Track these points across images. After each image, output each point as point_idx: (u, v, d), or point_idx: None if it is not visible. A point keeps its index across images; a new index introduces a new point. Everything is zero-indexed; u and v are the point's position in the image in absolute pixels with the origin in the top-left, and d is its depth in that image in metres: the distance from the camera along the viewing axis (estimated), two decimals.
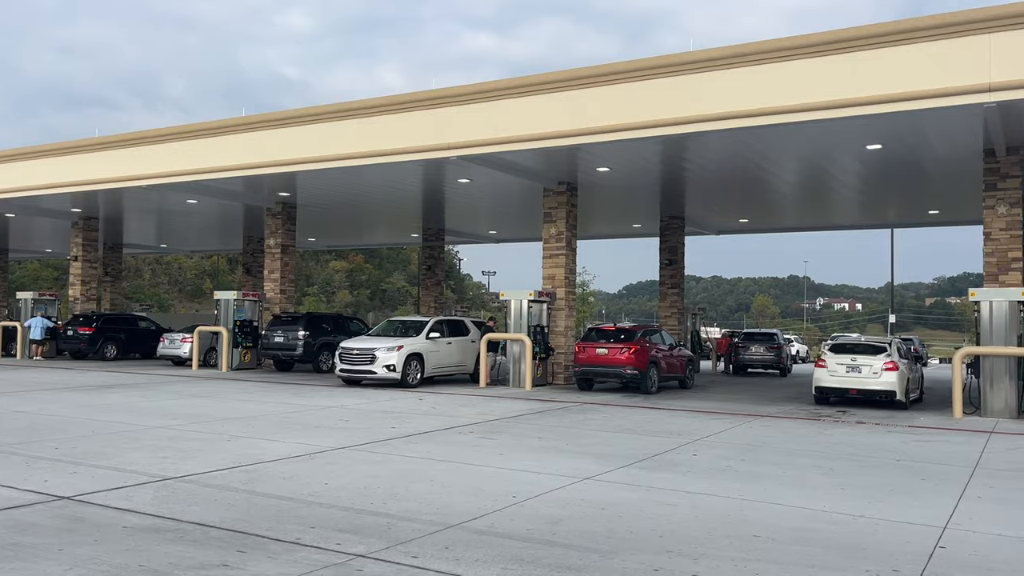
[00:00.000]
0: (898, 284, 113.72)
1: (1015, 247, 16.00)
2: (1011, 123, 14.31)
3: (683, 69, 15.34)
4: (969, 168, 17.28)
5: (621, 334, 19.39)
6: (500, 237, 35.35)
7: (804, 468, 9.55)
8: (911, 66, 13.36)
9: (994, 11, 13.12)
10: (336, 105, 19.75)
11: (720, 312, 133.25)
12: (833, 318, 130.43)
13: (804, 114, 14.10)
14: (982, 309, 15.56)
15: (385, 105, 18.89)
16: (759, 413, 15.37)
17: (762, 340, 28.59)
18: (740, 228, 30.89)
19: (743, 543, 6.30)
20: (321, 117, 19.85)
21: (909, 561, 5.87)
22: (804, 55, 14.24)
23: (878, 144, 16.39)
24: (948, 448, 11.35)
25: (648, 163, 19.13)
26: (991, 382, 15.36)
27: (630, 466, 9.44)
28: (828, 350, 17.79)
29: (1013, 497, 8.12)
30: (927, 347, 50.69)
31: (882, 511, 7.44)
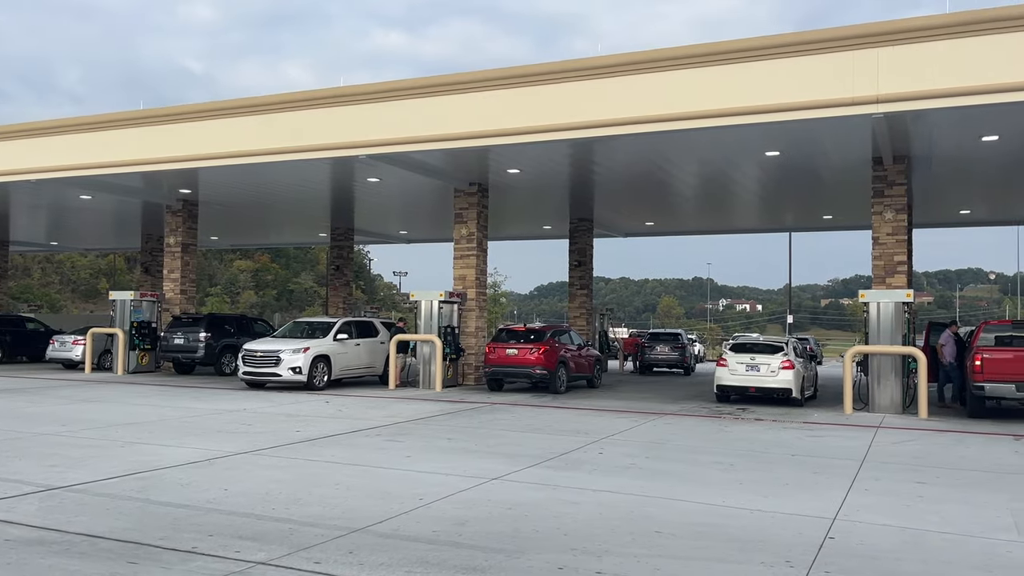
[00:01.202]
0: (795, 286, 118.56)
1: (901, 251, 16.88)
2: (897, 133, 15.09)
3: (591, 74, 15.57)
4: (860, 175, 18.12)
5: (531, 335, 19.54)
6: (411, 237, 35.10)
7: (705, 464, 9.83)
8: (806, 76, 13.93)
9: (882, 26, 13.81)
10: (241, 100, 19.21)
11: (628, 312, 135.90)
12: (735, 318, 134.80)
13: (706, 120, 14.52)
14: (870, 310, 16.36)
15: (292, 101, 18.48)
16: (663, 411, 15.74)
17: (667, 340, 29.30)
18: (647, 231, 31.58)
19: (646, 539, 6.43)
20: (225, 112, 19.26)
21: (801, 552, 6.11)
22: (707, 63, 14.67)
23: (776, 151, 17.03)
24: (839, 443, 11.88)
25: (557, 165, 19.34)
26: (878, 379, 16.17)
27: (537, 466, 9.52)
28: (729, 350, 18.37)
29: (897, 488, 8.56)
30: (822, 346, 52.98)
31: (777, 504, 7.72)
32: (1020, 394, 14.35)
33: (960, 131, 15.15)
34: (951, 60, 13.02)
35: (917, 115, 13.82)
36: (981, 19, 12.96)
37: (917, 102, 13.23)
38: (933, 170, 18.28)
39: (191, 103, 19.99)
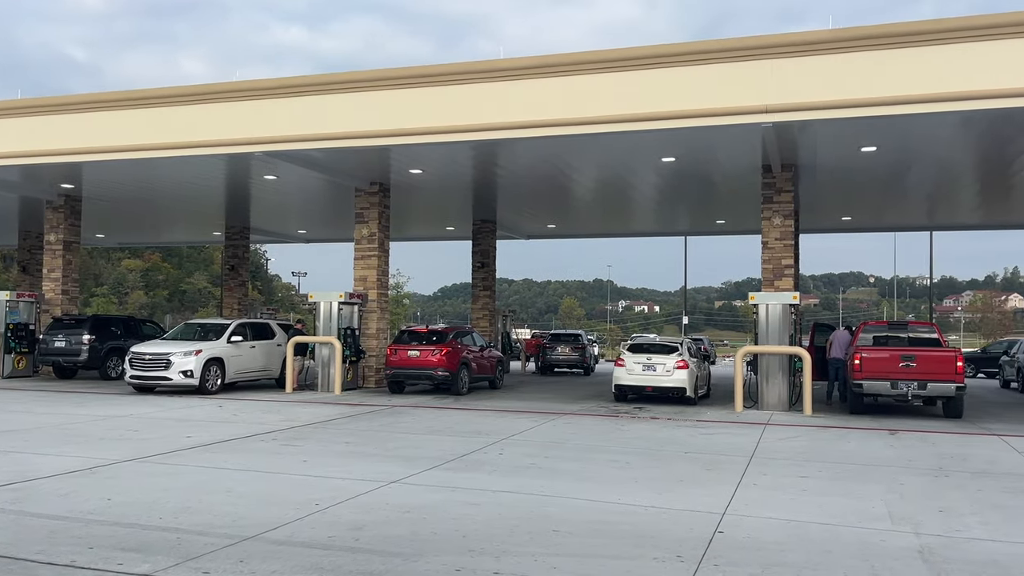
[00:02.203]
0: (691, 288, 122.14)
1: (788, 255, 17.64)
2: (785, 143, 15.78)
3: (494, 76, 15.64)
4: (750, 182, 18.85)
5: (433, 336, 19.45)
6: (311, 237, 34.39)
7: (602, 463, 10.01)
8: (701, 85, 14.39)
9: (772, 39, 14.40)
10: (130, 92, 18.36)
11: (531, 314, 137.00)
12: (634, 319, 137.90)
13: (605, 126, 14.80)
14: (760, 311, 17.04)
15: (186, 95, 17.80)
16: (563, 411, 15.95)
17: (568, 341, 29.71)
18: (549, 233, 31.95)
19: (544, 538, 6.50)
20: (112, 104, 18.37)
21: (692, 546, 6.30)
22: (607, 69, 14.95)
23: (672, 157, 17.52)
24: (729, 440, 12.32)
25: (460, 167, 19.33)
26: (767, 378, 16.85)
27: (437, 468, 9.48)
28: (627, 350, 18.78)
29: (783, 483, 8.94)
30: (715, 346, 54.85)
31: (670, 501, 7.94)
32: (895, 391, 15.23)
33: (842, 142, 15.96)
34: (834, 74, 13.69)
35: (803, 125, 14.48)
36: (861, 36, 13.68)
37: (803, 113, 13.86)
38: (818, 178, 19.19)
39: (75, 93, 18.98)
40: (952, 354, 15.50)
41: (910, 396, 15.23)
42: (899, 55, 13.41)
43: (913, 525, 7.07)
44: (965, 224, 28.33)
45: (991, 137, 15.63)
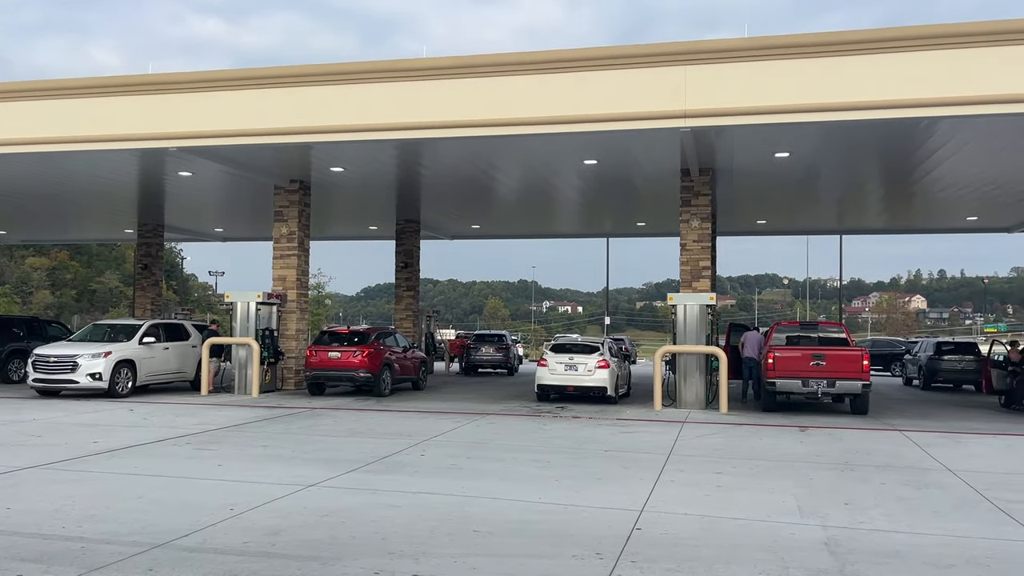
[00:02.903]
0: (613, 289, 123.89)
1: (705, 257, 18.08)
2: (703, 147, 16.16)
3: (417, 75, 15.54)
4: (669, 186, 19.23)
5: (355, 337, 19.21)
6: (228, 235, 33.51)
7: (523, 463, 10.06)
8: (621, 90, 14.61)
9: (690, 46, 14.74)
10: (37, 82, 17.52)
11: (455, 314, 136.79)
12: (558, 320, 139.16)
13: (527, 128, 14.89)
14: (678, 312, 17.41)
15: (97, 87, 17.09)
16: (486, 412, 15.96)
17: (492, 341, 29.76)
18: (474, 233, 31.95)
19: (464, 539, 6.49)
20: (16, 95, 17.50)
21: (611, 544, 6.39)
22: (530, 71, 15.03)
23: (594, 160, 17.75)
24: (648, 438, 12.55)
25: (383, 166, 19.15)
26: (685, 377, 17.23)
27: (357, 470, 9.36)
28: (549, 350, 18.93)
29: (699, 480, 9.16)
30: (637, 346, 55.80)
31: (589, 499, 8.04)
32: (806, 389, 15.79)
33: (757, 147, 16.45)
34: (749, 81, 14.10)
35: (719, 131, 14.87)
36: (774, 45, 14.13)
37: (719, 118, 14.23)
38: (735, 182, 19.73)
39: None
40: (859, 353, 16.15)
41: (820, 394, 15.81)
42: (811, 64, 13.90)
43: (820, 518, 7.34)
44: (872, 228, 29.59)
45: (894, 146, 16.36)
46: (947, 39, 13.37)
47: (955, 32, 13.39)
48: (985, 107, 13.16)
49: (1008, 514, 7.60)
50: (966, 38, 13.27)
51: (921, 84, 13.32)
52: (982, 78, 13.09)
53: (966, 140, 15.57)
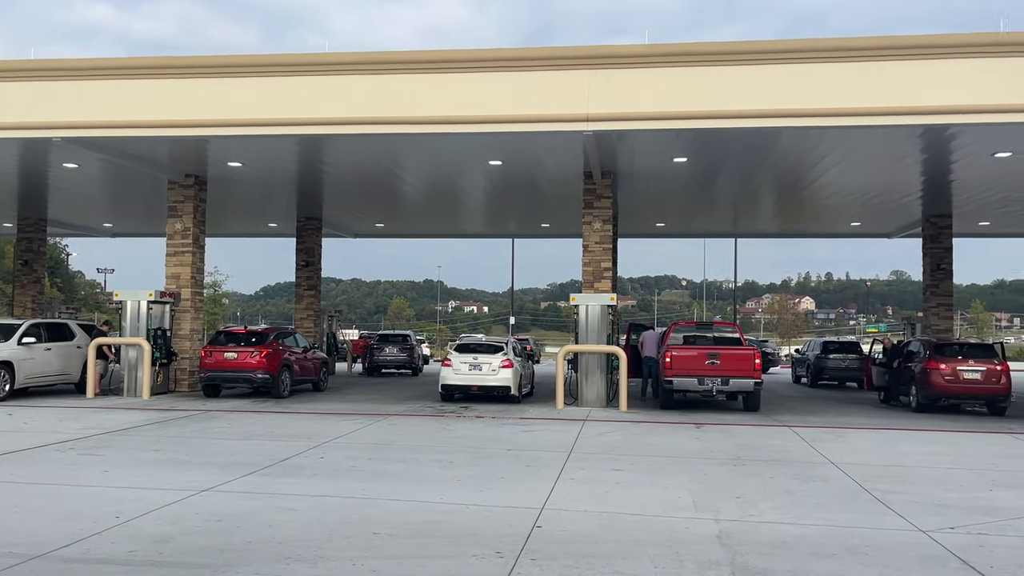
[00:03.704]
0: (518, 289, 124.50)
1: (607, 258, 18.43)
2: (605, 151, 16.46)
3: (320, 70, 15.24)
4: (573, 188, 19.50)
5: (252, 337, 18.68)
6: (118, 231, 32.03)
7: (426, 463, 10.00)
8: (525, 91, 14.73)
9: (594, 50, 15.00)
10: None
11: (359, 314, 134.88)
12: (463, 320, 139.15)
13: (431, 127, 14.82)
14: (580, 312, 17.69)
15: None
16: (389, 412, 15.81)
17: (396, 341, 29.49)
18: (378, 232, 31.57)
19: (363, 541, 6.40)
20: None
21: (511, 542, 6.42)
22: (434, 70, 14.97)
23: (498, 160, 17.83)
24: (550, 436, 12.69)
25: (284, 162, 18.70)
26: (586, 376, 17.52)
27: (254, 474, 9.11)
28: (454, 350, 18.92)
29: (598, 477, 9.32)
30: (541, 346, 56.38)
31: (491, 498, 8.06)
32: (701, 387, 16.29)
33: (656, 152, 16.87)
34: (649, 86, 14.45)
35: (621, 135, 15.18)
36: (673, 52, 14.53)
37: (620, 123, 14.52)
38: (635, 186, 20.19)
39: None
40: (751, 352, 16.78)
41: (715, 391, 16.35)
42: (709, 72, 14.35)
43: (713, 512, 7.59)
44: (765, 232, 30.81)
45: (786, 154, 17.09)
46: (837, 52, 14.04)
47: (844, 47, 14.08)
48: (867, 119, 13.89)
49: (886, 505, 8.04)
50: (852, 52, 13.97)
51: (812, 95, 13.94)
52: (866, 91, 13.80)
53: (851, 150, 16.40)
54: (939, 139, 15.34)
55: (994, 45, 13.67)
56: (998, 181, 18.90)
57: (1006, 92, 13.47)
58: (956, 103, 13.59)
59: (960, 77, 13.60)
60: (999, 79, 13.53)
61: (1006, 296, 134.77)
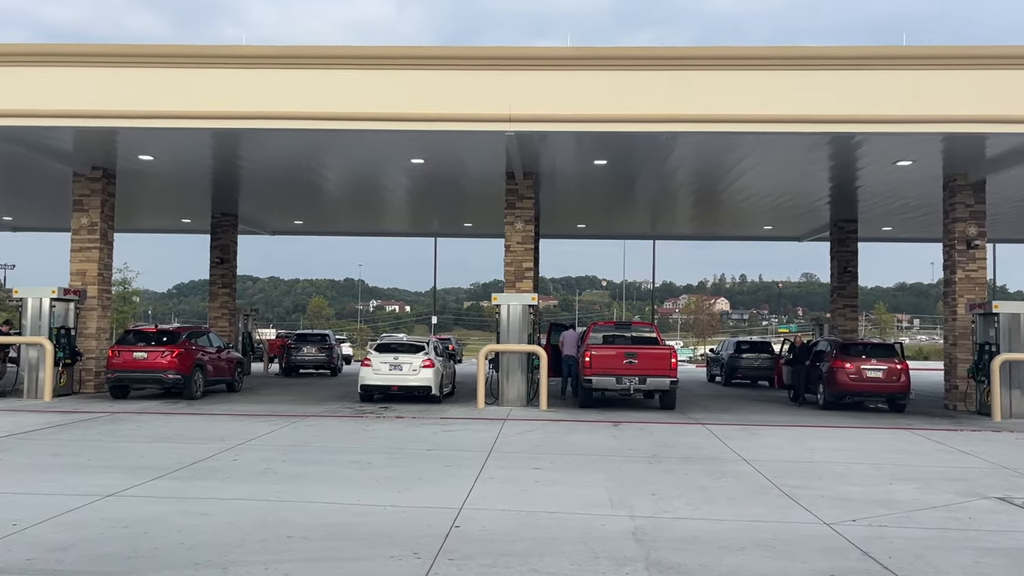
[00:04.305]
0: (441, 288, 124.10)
1: (528, 258, 18.53)
2: (527, 151, 16.55)
3: (237, 62, 14.86)
4: (495, 188, 19.54)
5: (163, 336, 18.07)
6: (19, 225, 30.49)
7: (344, 465, 9.86)
8: (449, 90, 14.69)
9: (518, 51, 15.09)
10: None
11: (277, 313, 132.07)
12: (385, 319, 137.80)
13: (354, 123, 14.62)
14: (502, 311, 17.74)
15: None
16: (307, 413, 15.52)
17: (314, 341, 29.00)
18: (297, 229, 30.99)
19: (277, 545, 6.27)
20: None
21: (429, 543, 6.39)
22: (355, 66, 14.79)
23: (421, 159, 17.72)
24: (470, 436, 12.68)
25: (198, 156, 18.15)
26: (507, 375, 17.57)
27: (163, 478, 8.81)
28: (374, 350, 18.71)
29: (517, 476, 9.36)
30: (463, 345, 56.30)
31: (410, 499, 8.00)
32: (619, 386, 16.55)
33: (577, 154, 17.07)
34: (570, 89, 14.60)
35: (542, 136, 15.29)
36: (594, 56, 14.74)
37: (541, 124, 14.63)
38: (557, 187, 20.37)
39: None
40: (667, 351, 17.15)
41: (632, 390, 16.63)
42: (627, 76, 14.59)
43: (629, 509, 7.72)
44: (683, 235, 31.54)
45: (701, 157, 17.53)
46: (749, 60, 14.47)
47: (755, 55, 14.54)
48: (777, 125, 14.36)
49: (794, 499, 8.32)
50: (764, 60, 14.43)
51: (726, 100, 14.32)
52: (777, 98, 14.26)
53: (764, 156, 16.94)
54: (846, 147, 15.98)
55: (896, 58, 14.34)
56: (899, 188, 19.81)
57: (907, 103, 14.13)
58: (861, 112, 14.18)
59: (866, 87, 14.19)
60: (901, 91, 14.18)
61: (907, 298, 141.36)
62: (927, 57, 14.38)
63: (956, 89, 14.21)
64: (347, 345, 41.41)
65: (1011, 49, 14.40)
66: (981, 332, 17.43)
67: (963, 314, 18.01)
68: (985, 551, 6.44)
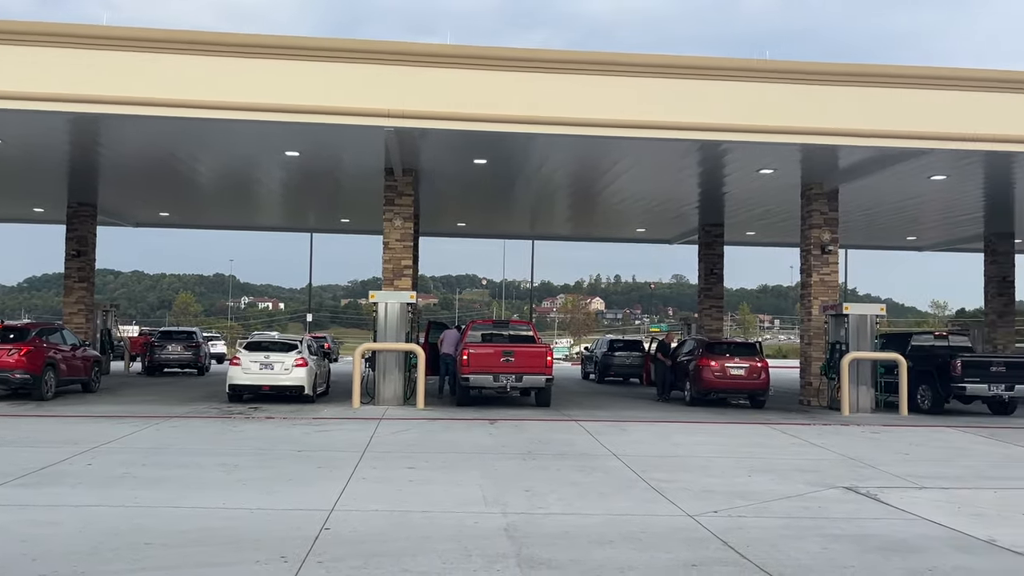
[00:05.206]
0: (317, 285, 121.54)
1: (407, 256, 18.37)
2: (406, 148, 16.39)
3: (100, 43, 13.98)
4: (374, 183, 19.26)
5: (10, 333, 16.82)
6: None
7: (209, 467, 9.48)
8: (327, 82, 14.35)
9: (399, 46, 14.89)
10: None
11: (141, 309, 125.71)
12: (257, 317, 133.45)
13: (225, 112, 14.02)
14: (379, 309, 17.51)
15: None
16: (170, 414, 14.82)
17: (180, 339, 27.74)
18: (162, 222, 29.53)
19: (133, 552, 5.95)
20: None
21: (297, 546, 6.22)
22: (230, 53, 14.22)
23: (296, 152, 17.24)
24: (344, 436, 12.45)
25: (51, 140, 16.94)
26: (384, 374, 17.36)
27: (6, 484, 8.20)
28: (243, 348, 18.11)
29: (390, 475, 9.26)
30: (340, 344, 55.23)
31: (278, 501, 7.77)
32: (496, 384, 16.67)
33: (457, 152, 17.06)
34: (451, 87, 14.58)
35: (422, 133, 15.19)
36: (476, 55, 14.77)
37: (422, 121, 14.51)
38: (437, 185, 20.29)
39: None
40: (543, 350, 17.42)
41: (509, 388, 16.78)
42: (506, 77, 14.71)
43: (502, 506, 7.78)
44: (561, 235, 32.11)
45: (575, 161, 17.91)
46: (626, 67, 14.87)
47: (633, 62, 14.95)
48: (649, 131, 14.82)
49: (660, 492, 8.62)
50: (642, 68, 14.86)
51: (601, 105, 14.66)
52: (650, 105, 14.73)
53: (637, 160, 17.47)
54: (714, 154, 16.70)
55: (761, 71, 15.08)
56: (762, 195, 20.89)
57: (770, 114, 14.91)
58: (728, 122, 14.84)
59: (732, 98, 14.87)
60: (765, 102, 14.95)
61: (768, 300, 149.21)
62: (789, 72, 15.21)
63: (814, 103, 15.10)
64: (221, 343, 39.81)
65: (863, 67, 15.43)
66: (833, 332, 18.61)
67: (817, 315, 19.17)
68: (833, 538, 6.87)
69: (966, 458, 11.55)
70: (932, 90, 15.21)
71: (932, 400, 17.65)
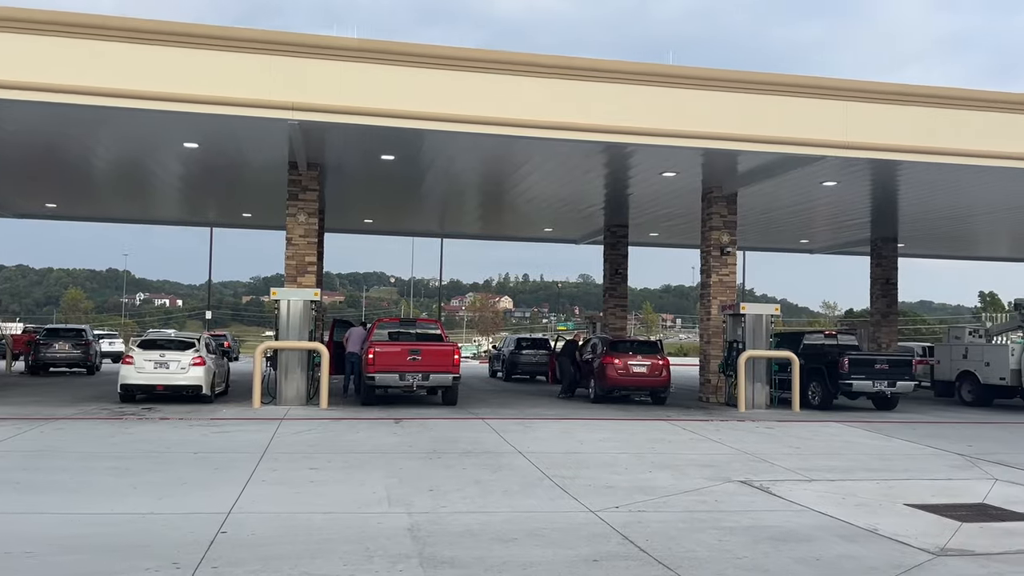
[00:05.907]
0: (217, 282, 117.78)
1: (311, 252, 17.98)
2: (312, 142, 16.04)
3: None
4: (277, 178, 18.77)
5: None
6: None
7: (98, 471, 9.04)
8: (229, 73, 13.86)
9: (304, 38, 14.49)
10: None
11: (26, 305, 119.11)
12: (154, 314, 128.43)
13: (118, 100, 13.33)
14: (281, 307, 17.08)
15: None
16: (56, 416, 14.06)
17: (68, 336, 26.40)
18: (49, 214, 27.95)
19: (6, 562, 5.60)
20: None
21: (191, 551, 6.00)
22: (124, 39, 13.55)
23: (195, 143, 16.62)
24: (244, 437, 12.08)
25: None
26: (286, 373, 16.94)
27: None
28: (137, 346, 17.39)
29: (290, 477, 9.04)
30: (240, 342, 53.68)
31: (172, 505, 7.48)
32: (403, 383, 16.51)
33: (363, 147, 16.79)
34: (358, 81, 14.33)
35: (328, 127, 14.88)
36: (379, 49, 14.53)
37: (326, 115, 14.19)
38: (344, 180, 19.93)
39: None
40: (450, 348, 17.36)
41: (415, 387, 16.65)
42: (417, 73, 14.56)
43: (406, 506, 7.71)
44: (470, 234, 32.05)
45: (482, 160, 17.92)
46: (535, 67, 14.95)
47: (541, 63, 15.03)
48: (554, 132, 14.94)
49: (564, 489, 8.71)
50: (547, 69, 14.97)
51: (506, 104, 14.69)
52: (556, 106, 14.86)
53: (543, 161, 17.61)
54: (618, 156, 17.00)
55: (664, 76, 15.42)
56: (665, 198, 21.41)
57: (673, 118, 15.28)
58: (631, 125, 15.13)
59: (637, 102, 15.16)
60: (667, 106, 15.31)
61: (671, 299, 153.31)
62: (692, 77, 15.61)
63: (715, 108, 15.56)
64: (118, 341, 38.05)
65: (762, 76, 15.99)
66: (731, 331, 19.24)
67: (716, 314, 19.78)
68: (728, 530, 7.10)
69: (852, 451, 12.14)
70: (823, 99, 15.90)
71: (822, 396, 18.48)
